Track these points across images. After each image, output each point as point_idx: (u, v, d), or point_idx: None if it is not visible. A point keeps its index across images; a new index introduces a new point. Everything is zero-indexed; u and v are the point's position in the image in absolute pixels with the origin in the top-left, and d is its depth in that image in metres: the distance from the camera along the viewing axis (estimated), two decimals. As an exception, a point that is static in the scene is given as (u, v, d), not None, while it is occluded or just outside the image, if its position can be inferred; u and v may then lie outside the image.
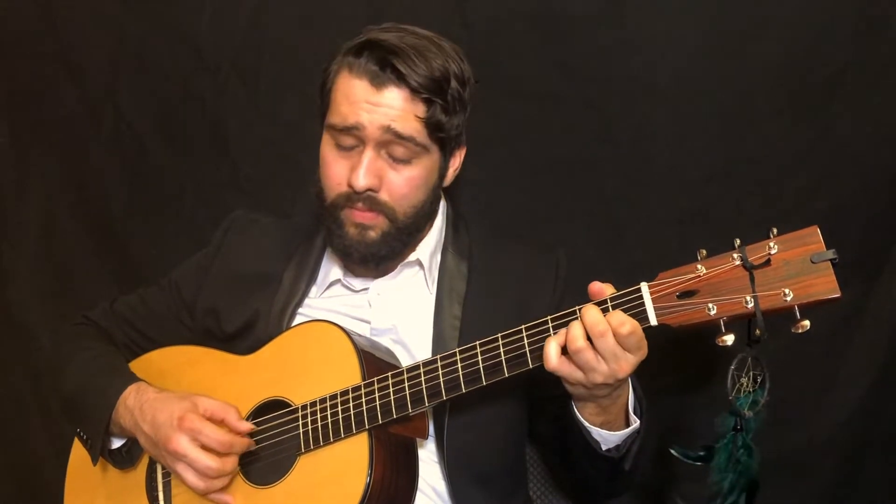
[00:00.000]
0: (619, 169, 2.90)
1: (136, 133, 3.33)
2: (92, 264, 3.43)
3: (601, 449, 2.14)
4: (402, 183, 2.27)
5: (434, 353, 2.31)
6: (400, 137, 2.22)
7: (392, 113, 2.20)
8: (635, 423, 2.13)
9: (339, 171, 2.28)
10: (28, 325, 3.47)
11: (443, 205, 2.55)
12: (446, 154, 2.37)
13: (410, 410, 2.09)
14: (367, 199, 2.26)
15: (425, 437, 2.25)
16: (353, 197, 2.27)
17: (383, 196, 2.27)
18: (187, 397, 2.24)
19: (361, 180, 2.22)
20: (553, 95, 2.91)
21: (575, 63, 2.88)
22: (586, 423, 2.11)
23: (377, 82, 2.21)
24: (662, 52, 2.81)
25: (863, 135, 2.72)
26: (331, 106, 2.31)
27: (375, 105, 2.21)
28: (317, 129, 2.39)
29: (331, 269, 2.49)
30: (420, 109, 2.23)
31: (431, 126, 2.24)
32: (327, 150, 2.33)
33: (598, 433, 2.12)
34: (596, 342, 1.86)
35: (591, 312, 1.88)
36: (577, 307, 1.93)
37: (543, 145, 2.95)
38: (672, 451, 2.00)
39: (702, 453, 1.94)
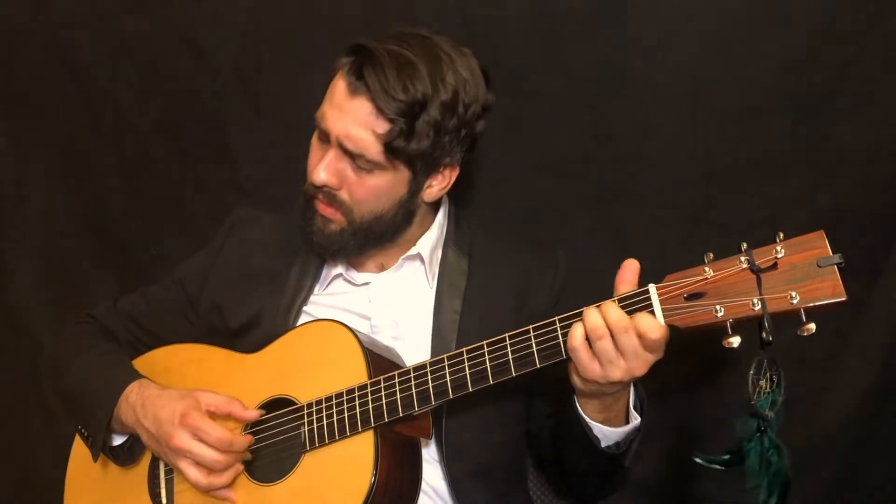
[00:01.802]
0: (619, 169, 2.90)
1: (136, 133, 3.32)
2: (92, 264, 3.43)
3: (601, 445, 2.15)
4: (362, 189, 2.31)
5: (433, 347, 2.35)
6: (350, 154, 2.26)
7: (353, 127, 2.24)
8: (636, 419, 2.14)
9: (314, 161, 2.35)
10: (28, 325, 3.46)
11: (445, 201, 2.58)
12: (417, 173, 2.35)
13: (417, 409, 2.11)
14: (327, 194, 2.32)
15: (429, 436, 2.27)
16: (315, 190, 2.33)
17: (343, 195, 2.33)
18: (189, 394, 2.26)
19: (319, 175, 2.29)
20: (553, 95, 2.91)
21: (575, 63, 2.88)
22: (588, 420, 2.12)
23: (352, 89, 2.25)
24: (662, 52, 2.80)
25: (863, 135, 2.72)
26: (323, 102, 2.36)
27: (344, 113, 2.26)
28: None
29: (332, 265, 2.51)
30: (381, 126, 2.23)
31: (387, 148, 2.24)
32: (313, 140, 2.40)
33: (599, 430, 2.13)
34: (618, 339, 1.89)
35: (613, 311, 1.90)
36: (584, 308, 1.95)
37: (543, 145, 2.95)
38: (697, 460, 1.99)
39: (727, 457, 1.94)
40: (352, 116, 2.24)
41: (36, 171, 3.44)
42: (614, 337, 1.89)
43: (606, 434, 2.14)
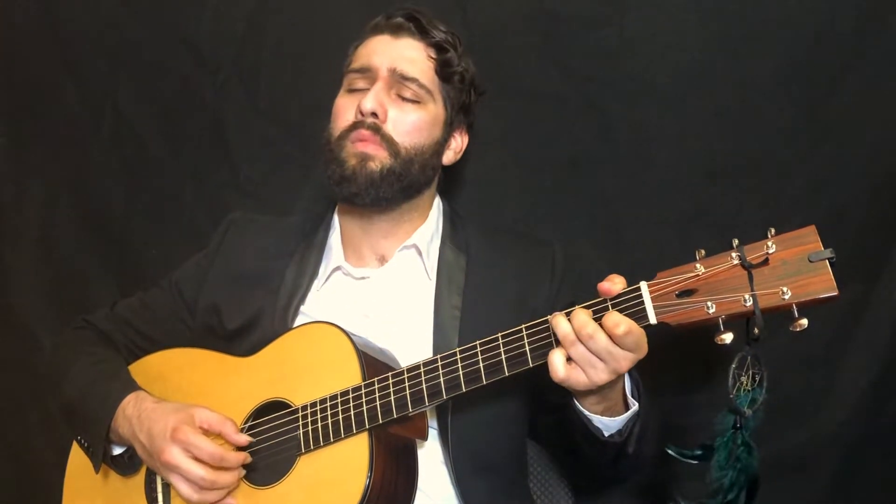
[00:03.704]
0: (619, 169, 2.90)
1: (136, 133, 3.32)
2: (92, 264, 3.42)
3: (603, 436, 2.16)
4: (407, 121, 2.40)
5: (435, 342, 2.35)
6: (405, 78, 2.39)
7: (402, 57, 2.42)
8: (634, 405, 2.15)
9: (348, 108, 2.42)
10: (28, 326, 3.46)
11: (438, 200, 2.61)
12: (450, 115, 2.50)
13: (411, 410, 2.09)
14: (372, 126, 2.36)
15: (425, 437, 2.25)
16: (358, 125, 2.38)
17: (387, 128, 2.38)
18: (184, 409, 2.25)
19: (368, 103, 2.36)
20: (553, 95, 2.92)
21: (575, 63, 2.89)
22: (587, 413, 2.13)
23: (397, 33, 2.46)
24: (662, 52, 2.81)
25: (863, 135, 2.71)
26: (351, 62, 2.50)
27: (391, 48, 2.45)
28: (317, 127, 2.48)
29: (331, 260, 2.51)
30: (433, 52, 2.47)
31: (441, 66, 2.44)
32: (340, 97, 2.49)
33: (599, 421, 2.14)
34: (587, 345, 1.89)
35: (578, 316, 1.91)
36: (575, 307, 1.94)
37: (543, 145, 2.96)
38: (668, 451, 2.00)
39: (699, 452, 1.94)
40: (400, 49, 2.45)
41: (36, 171, 3.45)
42: (583, 343, 1.90)
43: (606, 424, 2.15)
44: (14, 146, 3.46)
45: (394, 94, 2.40)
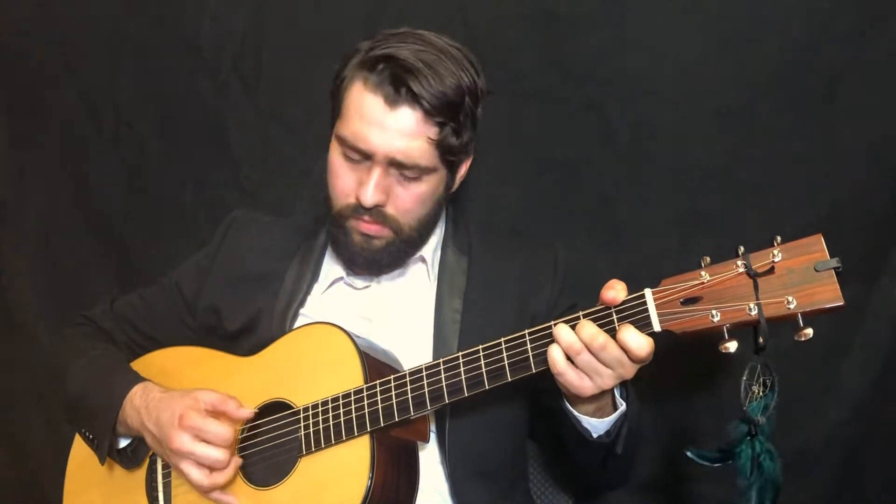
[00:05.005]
0: (619, 169, 2.90)
1: (136, 133, 3.33)
2: (92, 264, 3.43)
3: (592, 436, 2.16)
4: (409, 199, 2.29)
5: (435, 346, 2.35)
6: (400, 167, 2.23)
7: (401, 139, 2.20)
8: (622, 405, 2.15)
9: (348, 182, 2.29)
10: (28, 325, 3.47)
11: None
12: (454, 170, 2.39)
13: (412, 413, 2.09)
14: (375, 212, 2.27)
15: (426, 440, 2.26)
16: (361, 210, 2.27)
17: (389, 210, 2.28)
18: (188, 394, 2.24)
19: (370, 197, 2.23)
20: (553, 95, 2.91)
21: (575, 63, 2.88)
22: (577, 414, 2.14)
23: (392, 102, 2.19)
24: (662, 52, 2.80)
25: (863, 135, 2.70)
26: (342, 116, 2.29)
27: (387, 128, 2.20)
28: (323, 130, 2.41)
29: (332, 268, 2.50)
30: (433, 132, 2.22)
31: (442, 149, 2.25)
32: (336, 159, 2.32)
33: (587, 422, 2.15)
34: (598, 355, 1.90)
35: (587, 328, 1.90)
36: (580, 312, 1.94)
37: (543, 145, 2.95)
38: (687, 454, 1.98)
39: (718, 454, 1.94)
40: (397, 129, 2.20)
41: (36, 171, 3.45)
42: (593, 353, 1.90)
43: (595, 425, 2.16)
44: (14, 146, 3.46)
45: (393, 171, 2.25)
